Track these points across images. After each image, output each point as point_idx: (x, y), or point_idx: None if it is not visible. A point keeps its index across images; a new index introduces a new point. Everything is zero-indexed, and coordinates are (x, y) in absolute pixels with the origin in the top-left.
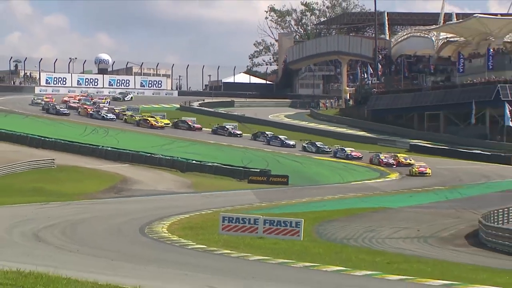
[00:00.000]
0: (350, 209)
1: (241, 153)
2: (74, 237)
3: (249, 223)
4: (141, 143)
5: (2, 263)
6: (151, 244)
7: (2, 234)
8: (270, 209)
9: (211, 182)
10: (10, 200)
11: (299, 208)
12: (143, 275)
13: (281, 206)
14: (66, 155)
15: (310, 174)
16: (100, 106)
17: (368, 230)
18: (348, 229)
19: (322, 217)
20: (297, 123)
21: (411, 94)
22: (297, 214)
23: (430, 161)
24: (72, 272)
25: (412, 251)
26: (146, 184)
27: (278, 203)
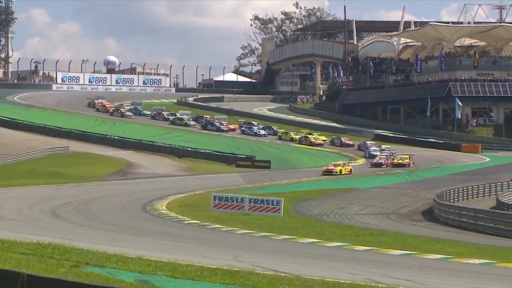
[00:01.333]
0: (323, 190)
1: (229, 141)
2: (86, 214)
3: (237, 202)
4: (144, 133)
5: (24, 236)
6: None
7: (24, 211)
8: (255, 190)
9: (204, 166)
10: (31, 182)
11: (280, 189)
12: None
13: (264, 187)
14: (79, 143)
15: (289, 159)
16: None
17: (338, 207)
18: (322, 207)
19: (299, 196)
20: (278, 116)
21: (376, 91)
22: (278, 193)
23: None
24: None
25: (376, 226)
26: (147, 168)
27: (261, 184)
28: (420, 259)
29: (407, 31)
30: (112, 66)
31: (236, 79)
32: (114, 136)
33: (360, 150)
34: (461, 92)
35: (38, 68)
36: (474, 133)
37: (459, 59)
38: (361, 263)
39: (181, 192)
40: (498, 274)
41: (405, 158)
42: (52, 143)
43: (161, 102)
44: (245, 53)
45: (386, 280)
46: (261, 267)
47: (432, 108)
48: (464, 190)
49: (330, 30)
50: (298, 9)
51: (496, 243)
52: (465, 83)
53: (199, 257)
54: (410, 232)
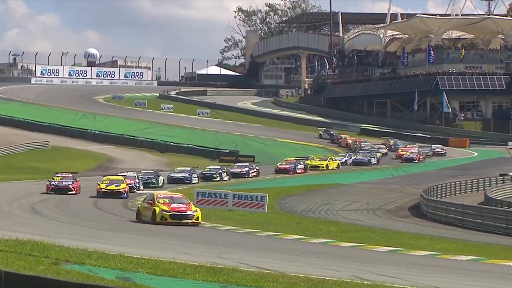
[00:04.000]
0: (308, 185)
1: (212, 135)
2: (66, 210)
3: (220, 197)
4: (125, 127)
5: (2, 232)
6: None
7: (3, 207)
8: (239, 185)
9: (187, 161)
10: (10, 177)
11: (264, 184)
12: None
13: (249, 182)
14: (59, 138)
15: (273, 154)
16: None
17: (324, 203)
18: (307, 203)
19: (284, 192)
20: (262, 110)
21: (362, 84)
22: (262, 189)
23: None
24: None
25: (362, 222)
26: (129, 163)
27: (245, 180)
28: (407, 255)
29: (394, 23)
30: (92, 59)
31: (219, 72)
32: (94, 131)
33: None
34: (448, 86)
35: (16, 61)
36: (462, 127)
37: (446, 52)
38: (347, 259)
39: (163, 188)
40: (486, 270)
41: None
42: (31, 137)
43: (142, 96)
44: (229, 45)
45: (373, 277)
46: (245, 264)
47: (420, 102)
48: (452, 185)
49: (315, 22)
50: (282, 0)
51: (484, 240)
52: (453, 76)
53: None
54: (396, 228)
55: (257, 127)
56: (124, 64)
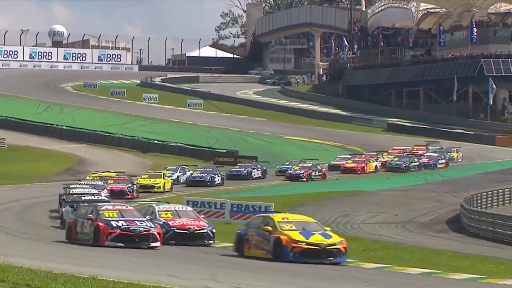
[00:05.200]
0: (322, 193)
1: (206, 132)
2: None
3: (215, 208)
4: (99, 121)
5: None
6: None
7: None
8: (238, 193)
9: (174, 163)
10: None
11: (269, 192)
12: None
13: (250, 189)
14: (18, 134)
15: (279, 154)
16: None
17: (342, 215)
18: (321, 214)
19: (293, 201)
20: (267, 100)
21: (389, 69)
22: (267, 198)
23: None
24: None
25: (389, 237)
26: (104, 165)
27: (246, 186)
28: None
29: None
30: (59, 38)
31: (214, 55)
32: (62, 126)
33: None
34: (495, 71)
35: None
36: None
37: (493, 29)
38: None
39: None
40: None
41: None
42: None
43: (120, 84)
44: (226, 22)
45: None
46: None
47: (460, 91)
48: (500, 193)
49: None
50: None
51: None
52: (500, 59)
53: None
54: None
55: (260, 121)
56: (98, 44)
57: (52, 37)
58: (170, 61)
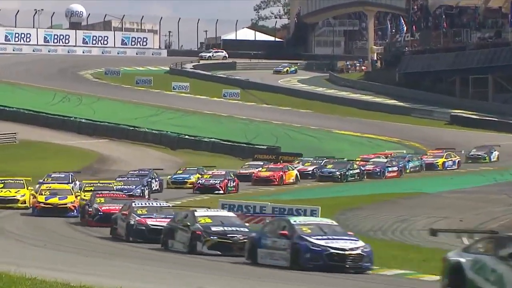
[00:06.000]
0: (377, 195)
1: (244, 126)
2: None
3: (255, 212)
4: (122, 114)
5: None
6: None
7: None
8: (280, 195)
9: (208, 162)
10: None
11: (315, 193)
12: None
13: (293, 190)
14: (31, 128)
15: (328, 150)
16: None
17: (399, 220)
18: (375, 219)
19: (343, 204)
20: (313, 90)
21: (453, 54)
22: (313, 200)
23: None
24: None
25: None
26: (127, 163)
27: (289, 187)
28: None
29: None
30: (77, 19)
31: (253, 38)
32: (80, 119)
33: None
34: None
35: None
36: None
37: None
38: None
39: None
40: None
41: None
42: None
43: (147, 71)
44: (267, 0)
45: None
46: None
47: None
48: None
49: None
50: None
51: None
52: None
53: None
54: None
55: (306, 113)
56: (121, 26)
57: (70, 18)
58: (203, 45)
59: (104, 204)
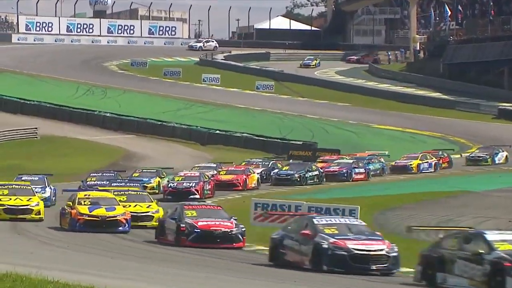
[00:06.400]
0: (419, 193)
1: (278, 120)
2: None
3: (289, 211)
4: (150, 108)
5: None
6: None
7: None
8: (316, 193)
9: (239, 158)
10: None
11: (354, 192)
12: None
13: (330, 188)
14: (53, 123)
15: (367, 146)
16: None
17: (443, 220)
18: (418, 219)
19: (383, 203)
20: (351, 82)
21: (501, 43)
22: (351, 199)
23: None
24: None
25: None
26: (155, 160)
27: (326, 185)
28: None
29: None
30: (102, 7)
31: (288, 27)
32: (105, 113)
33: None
34: None
35: None
36: None
37: None
38: None
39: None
40: None
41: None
42: (11, 123)
43: (175, 62)
44: None
45: None
46: None
47: None
48: None
49: None
50: None
51: None
52: None
53: None
54: None
55: (344, 107)
56: (148, 14)
57: (94, 6)
58: (235, 34)
59: (199, 219)
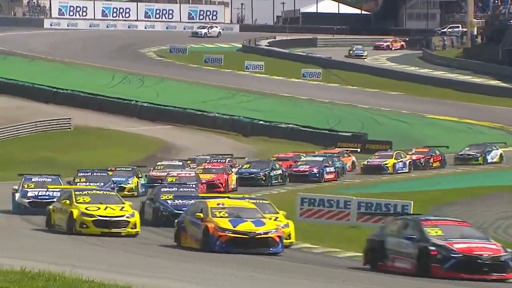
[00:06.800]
0: (476, 188)
1: (326, 110)
2: None
3: (338, 207)
4: (189, 97)
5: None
6: None
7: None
8: (367, 188)
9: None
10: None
11: (406, 186)
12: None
13: (382, 183)
14: (87, 113)
15: (420, 138)
16: None
17: (503, 217)
18: (475, 215)
19: (437, 198)
20: (404, 69)
21: None
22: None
23: None
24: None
25: None
26: (195, 152)
27: (377, 179)
28: None
29: None
30: None
31: (336, 11)
32: (142, 102)
33: None
34: None
35: None
36: None
37: None
38: None
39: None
40: None
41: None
42: (43, 112)
43: (217, 48)
44: None
45: None
46: None
47: None
48: None
49: None
50: None
51: None
52: None
53: None
54: None
55: (396, 96)
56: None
57: None
58: (280, 19)
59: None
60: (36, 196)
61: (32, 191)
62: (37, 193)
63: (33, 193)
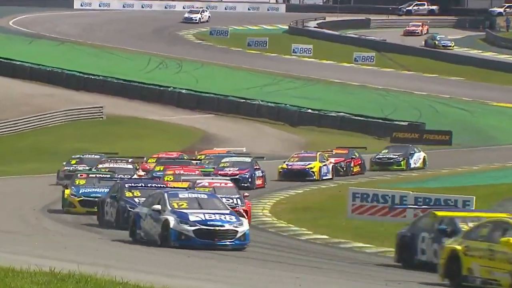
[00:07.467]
0: None
1: (380, 97)
2: None
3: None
4: (231, 83)
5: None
6: None
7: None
8: (424, 182)
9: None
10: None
11: (468, 180)
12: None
13: (441, 176)
14: (121, 101)
15: (484, 128)
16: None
17: None
18: None
19: (502, 192)
20: (465, 52)
21: None
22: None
23: None
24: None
25: None
26: (237, 143)
27: (436, 173)
28: None
29: None
30: None
31: None
32: (180, 89)
33: None
34: None
35: None
36: None
37: None
38: None
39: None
40: None
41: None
42: (74, 100)
43: (261, 30)
44: None
45: None
46: None
47: None
48: None
49: None
50: None
51: None
52: None
53: None
54: None
55: (457, 82)
56: None
57: None
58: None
59: None
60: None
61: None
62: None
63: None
